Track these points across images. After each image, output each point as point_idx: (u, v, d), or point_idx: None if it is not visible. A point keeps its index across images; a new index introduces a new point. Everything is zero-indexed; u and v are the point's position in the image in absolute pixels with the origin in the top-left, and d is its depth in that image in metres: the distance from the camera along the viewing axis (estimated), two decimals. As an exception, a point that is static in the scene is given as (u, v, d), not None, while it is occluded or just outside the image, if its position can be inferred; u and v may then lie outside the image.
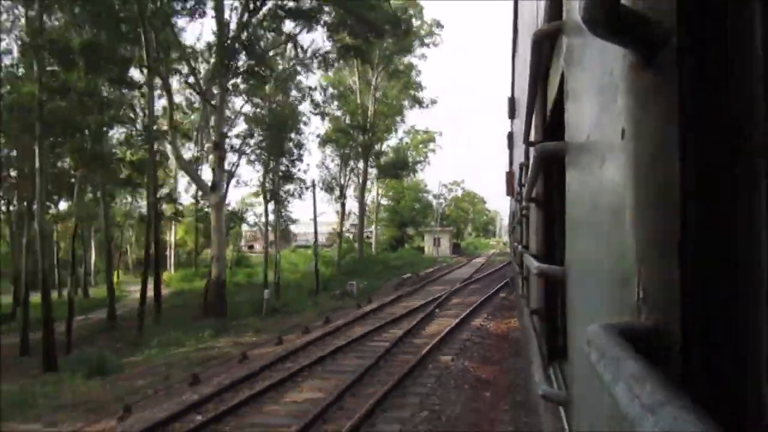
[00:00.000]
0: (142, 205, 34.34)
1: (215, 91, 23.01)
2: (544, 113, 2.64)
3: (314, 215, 30.65)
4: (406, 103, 40.97)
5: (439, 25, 38.70)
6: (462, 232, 73.24)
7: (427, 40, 36.47)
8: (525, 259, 3.46)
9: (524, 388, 7.64)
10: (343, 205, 37.75)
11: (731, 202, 0.58)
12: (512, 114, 7.62)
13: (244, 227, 44.67)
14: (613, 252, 0.82)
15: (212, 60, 22.92)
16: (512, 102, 7.61)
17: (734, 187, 0.57)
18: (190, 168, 25.03)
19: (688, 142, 0.59)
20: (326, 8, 23.93)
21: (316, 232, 31.58)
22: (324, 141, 35.56)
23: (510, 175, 9.61)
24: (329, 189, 35.54)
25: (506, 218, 29.40)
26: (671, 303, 0.61)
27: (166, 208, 31.38)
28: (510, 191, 9.64)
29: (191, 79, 23.67)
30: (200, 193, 29.68)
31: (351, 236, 43.38)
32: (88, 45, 19.19)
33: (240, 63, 23.07)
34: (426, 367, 10.65)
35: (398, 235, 55.47)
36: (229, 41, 21.76)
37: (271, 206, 31.39)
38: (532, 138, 2.83)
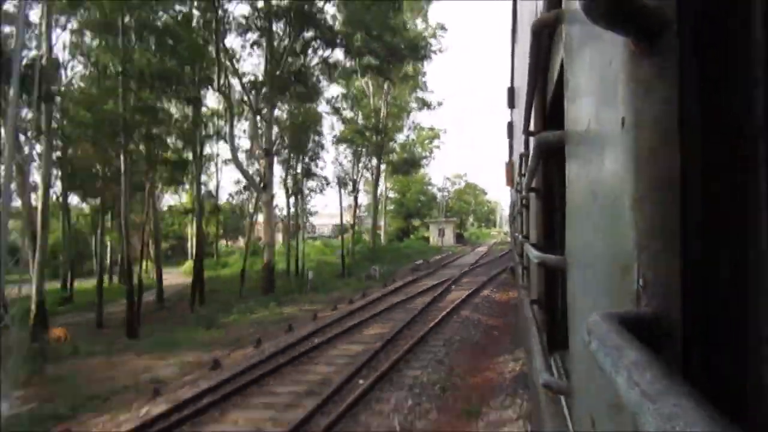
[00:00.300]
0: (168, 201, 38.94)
1: (261, 105, 26.85)
2: (543, 103, 2.63)
3: (340, 209, 37.10)
4: (414, 105, 44.00)
5: (443, 28, 40.17)
6: (465, 223, 76.45)
7: (434, 47, 37.88)
8: (525, 248, 3.46)
9: (519, 330, 10.67)
10: (355, 199, 41.16)
11: (732, 190, 0.58)
12: (512, 104, 7.58)
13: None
14: (613, 241, 0.82)
15: (265, 87, 26.59)
16: (511, 92, 7.58)
17: (735, 175, 0.57)
18: (246, 172, 28.78)
19: (689, 130, 0.59)
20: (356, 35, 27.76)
21: (341, 225, 37.89)
22: (339, 140, 38.17)
23: (510, 166, 9.60)
24: (343, 184, 38.48)
25: (506, 208, 32.62)
26: (671, 291, 0.61)
27: (207, 204, 35.33)
28: (510, 181, 9.63)
29: (245, 98, 27.77)
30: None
31: (356, 227, 46.32)
32: (166, 71, 22.50)
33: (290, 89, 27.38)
34: (452, 317, 15.55)
35: (404, 226, 58.71)
36: (279, 71, 25.78)
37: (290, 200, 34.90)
38: (531, 128, 2.83)
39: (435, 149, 52.99)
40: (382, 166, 43.01)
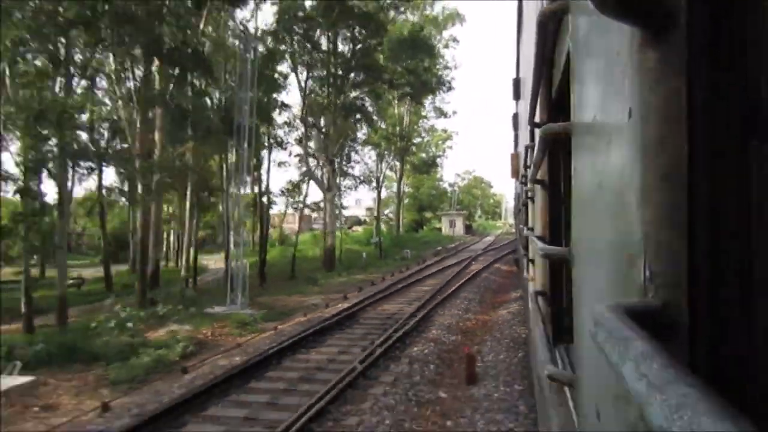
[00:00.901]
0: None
1: (322, 123, 33.26)
2: (549, 94, 2.61)
3: (378, 202, 46.68)
4: (432, 113, 50.37)
5: (455, 40, 46.31)
6: (473, 215, 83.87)
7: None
8: (530, 240, 3.45)
9: (518, 284, 17.27)
10: (378, 194, 48.04)
11: (740, 181, 0.57)
12: (517, 95, 7.54)
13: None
14: (620, 232, 0.82)
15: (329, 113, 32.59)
16: (517, 83, 7.53)
17: (743, 166, 0.57)
18: (316, 176, 33.92)
19: (697, 121, 0.59)
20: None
21: (378, 217, 46.33)
22: (366, 143, 43.59)
23: (515, 157, 9.56)
24: (368, 181, 44.69)
25: (511, 201, 40.32)
26: (679, 282, 0.61)
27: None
28: (515, 173, 9.60)
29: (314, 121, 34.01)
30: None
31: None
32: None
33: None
34: (476, 278, 23.62)
35: (418, 218, 65.17)
36: (341, 101, 31.97)
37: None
38: (537, 119, 2.82)
39: (447, 149, 61.18)
40: (405, 167, 50.39)
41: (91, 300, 23.44)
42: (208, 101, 25.88)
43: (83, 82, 23.22)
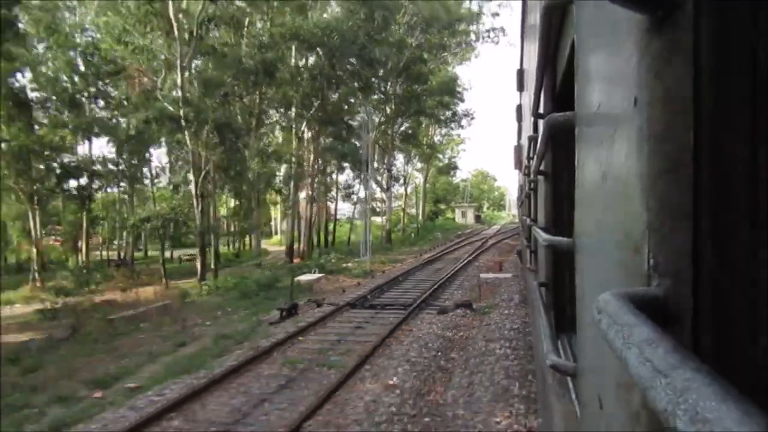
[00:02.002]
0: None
1: (380, 142, 43.69)
2: (553, 84, 2.60)
3: (405, 197, 58.15)
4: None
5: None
6: (482, 207, 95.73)
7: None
8: (533, 231, 3.45)
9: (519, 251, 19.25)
10: (406, 189, 58.34)
11: (746, 169, 0.57)
12: (521, 86, 7.49)
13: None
14: (624, 221, 0.82)
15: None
16: (521, 74, 7.48)
17: (750, 155, 0.57)
18: (378, 180, 44.10)
19: (702, 109, 0.58)
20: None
21: (424, 207, 60.02)
22: (401, 150, 52.98)
23: (518, 149, 9.54)
24: (396, 179, 52.54)
25: (514, 193, 48.92)
26: (683, 270, 0.61)
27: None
28: (518, 165, 9.58)
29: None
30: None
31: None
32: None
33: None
34: (494, 247, 35.19)
35: (434, 209, 75.21)
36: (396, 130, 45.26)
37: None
38: (541, 110, 2.80)
39: (461, 151, 73.03)
40: (418, 163, 61.58)
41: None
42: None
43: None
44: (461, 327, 12.50)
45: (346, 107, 38.42)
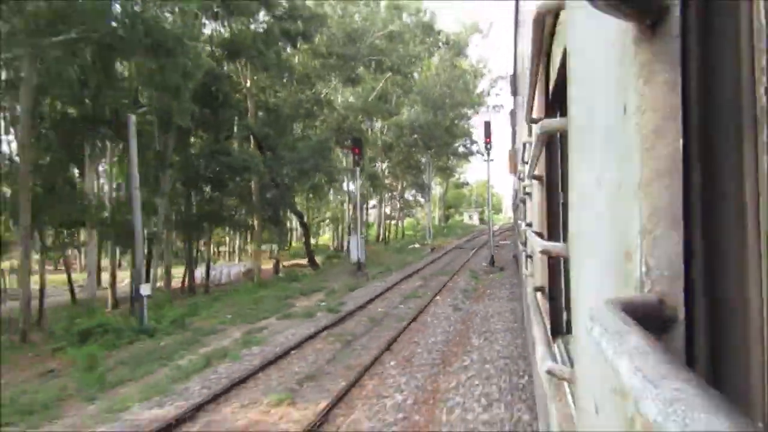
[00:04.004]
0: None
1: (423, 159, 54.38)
2: (546, 90, 2.61)
3: (443, 205, 76.32)
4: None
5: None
6: (484, 211, 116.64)
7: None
8: (528, 236, 3.45)
9: (514, 246, 27.26)
10: (428, 198, 68.57)
11: (735, 174, 0.57)
12: (515, 91, 7.53)
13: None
14: (616, 227, 0.82)
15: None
16: (514, 79, 7.52)
17: (738, 159, 0.57)
18: (422, 186, 55.59)
19: (692, 114, 0.59)
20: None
21: (444, 211, 76.61)
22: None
23: (512, 153, 9.57)
24: (421, 188, 61.87)
25: (509, 198, 57.32)
26: (674, 276, 0.61)
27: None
28: (513, 169, 9.61)
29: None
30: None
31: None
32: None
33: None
34: (497, 235, 42.79)
35: (446, 213, 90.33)
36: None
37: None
38: (534, 115, 2.81)
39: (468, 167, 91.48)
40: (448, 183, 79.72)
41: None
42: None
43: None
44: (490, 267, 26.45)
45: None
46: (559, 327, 2.72)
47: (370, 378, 9.04)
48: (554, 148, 2.65)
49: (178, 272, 29.64)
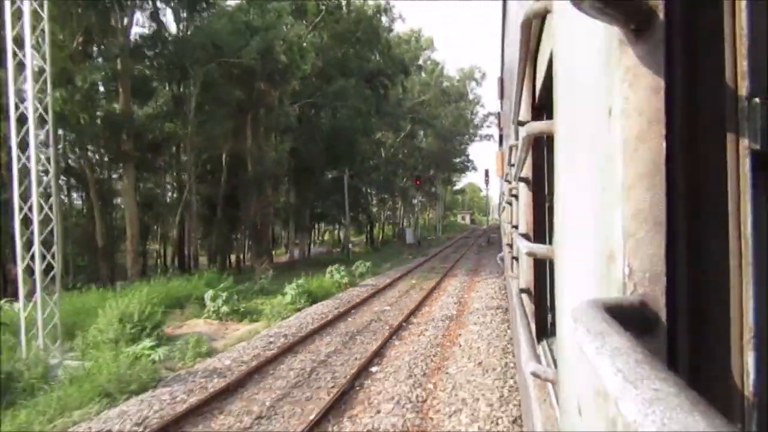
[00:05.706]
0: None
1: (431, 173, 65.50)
2: (532, 93, 2.63)
3: (443, 208, 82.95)
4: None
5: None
6: (474, 213, 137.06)
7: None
8: (514, 238, 3.47)
9: (498, 239, 38.32)
10: (436, 203, 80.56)
11: (718, 177, 0.58)
12: (502, 94, 7.57)
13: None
14: (600, 229, 0.82)
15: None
16: (501, 82, 7.56)
17: (721, 162, 0.58)
18: (434, 194, 68.83)
19: (675, 118, 0.59)
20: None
21: (443, 213, 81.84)
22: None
23: (500, 156, 9.62)
24: (432, 195, 73.15)
25: (496, 201, 60.90)
26: (657, 278, 0.62)
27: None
28: (500, 171, 9.67)
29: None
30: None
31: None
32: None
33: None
34: (489, 231, 62.98)
35: (444, 214, 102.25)
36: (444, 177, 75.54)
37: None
38: (521, 118, 2.83)
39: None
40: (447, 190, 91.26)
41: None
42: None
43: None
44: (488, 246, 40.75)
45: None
46: (544, 329, 2.74)
47: (452, 270, 24.99)
48: (541, 151, 2.66)
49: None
